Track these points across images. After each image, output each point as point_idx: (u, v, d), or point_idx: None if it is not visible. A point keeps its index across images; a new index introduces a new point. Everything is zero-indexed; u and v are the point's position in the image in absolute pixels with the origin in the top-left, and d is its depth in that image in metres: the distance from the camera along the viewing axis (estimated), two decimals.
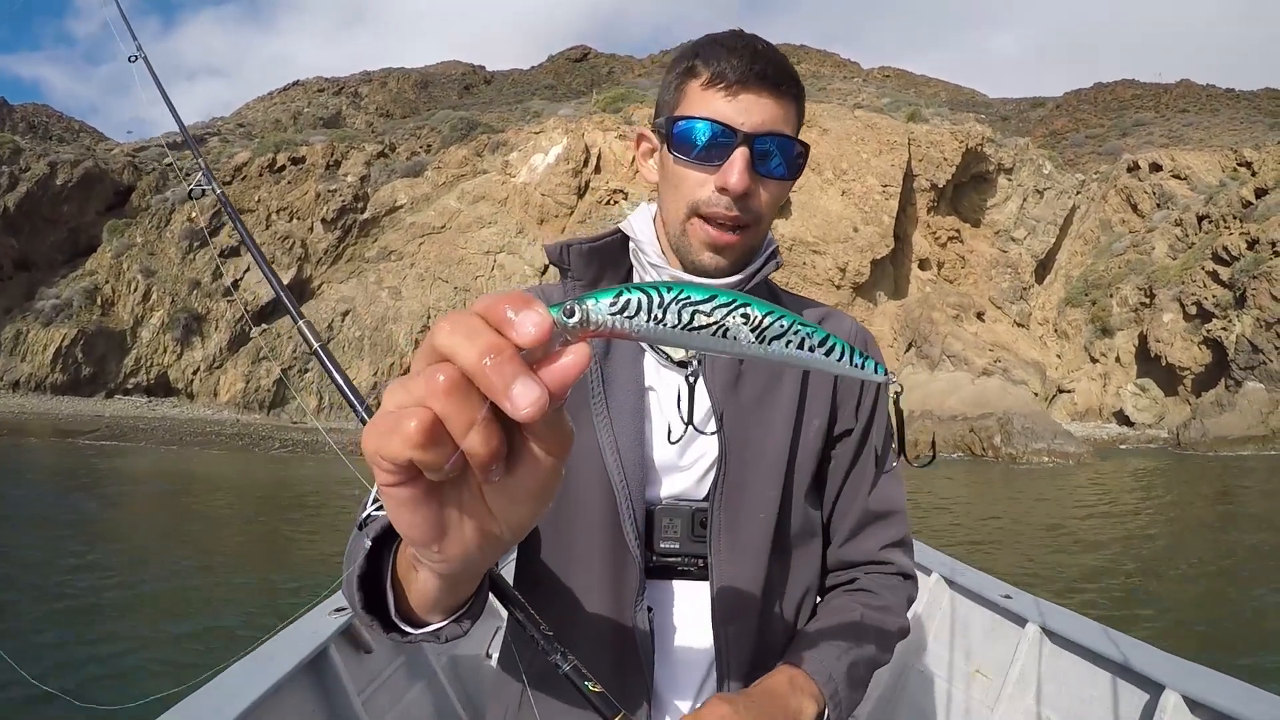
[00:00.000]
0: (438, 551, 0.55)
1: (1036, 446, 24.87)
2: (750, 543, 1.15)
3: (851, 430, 1.24)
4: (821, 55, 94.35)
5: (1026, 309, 38.27)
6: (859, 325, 1.30)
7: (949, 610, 3.03)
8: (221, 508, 15.57)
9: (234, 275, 35.61)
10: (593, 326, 0.50)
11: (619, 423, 1.14)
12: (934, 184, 38.00)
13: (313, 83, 79.61)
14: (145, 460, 21.65)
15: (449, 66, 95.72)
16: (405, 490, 0.49)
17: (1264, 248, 29.96)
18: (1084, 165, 51.83)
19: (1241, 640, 8.12)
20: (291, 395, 33.70)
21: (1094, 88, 78.58)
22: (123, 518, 14.41)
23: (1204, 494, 18.83)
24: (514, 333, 0.45)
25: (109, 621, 7.92)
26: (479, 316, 0.46)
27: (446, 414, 0.45)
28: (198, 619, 8.12)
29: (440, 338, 0.46)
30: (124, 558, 10.61)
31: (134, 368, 33.32)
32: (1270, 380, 28.31)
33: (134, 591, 9.08)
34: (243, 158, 38.92)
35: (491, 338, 0.45)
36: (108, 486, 17.50)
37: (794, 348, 0.55)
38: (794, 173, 1.12)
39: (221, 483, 19.01)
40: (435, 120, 47.30)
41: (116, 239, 34.86)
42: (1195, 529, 14.46)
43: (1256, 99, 70.07)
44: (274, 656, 1.98)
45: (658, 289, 0.52)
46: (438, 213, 37.60)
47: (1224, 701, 1.81)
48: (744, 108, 1.06)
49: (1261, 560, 11.65)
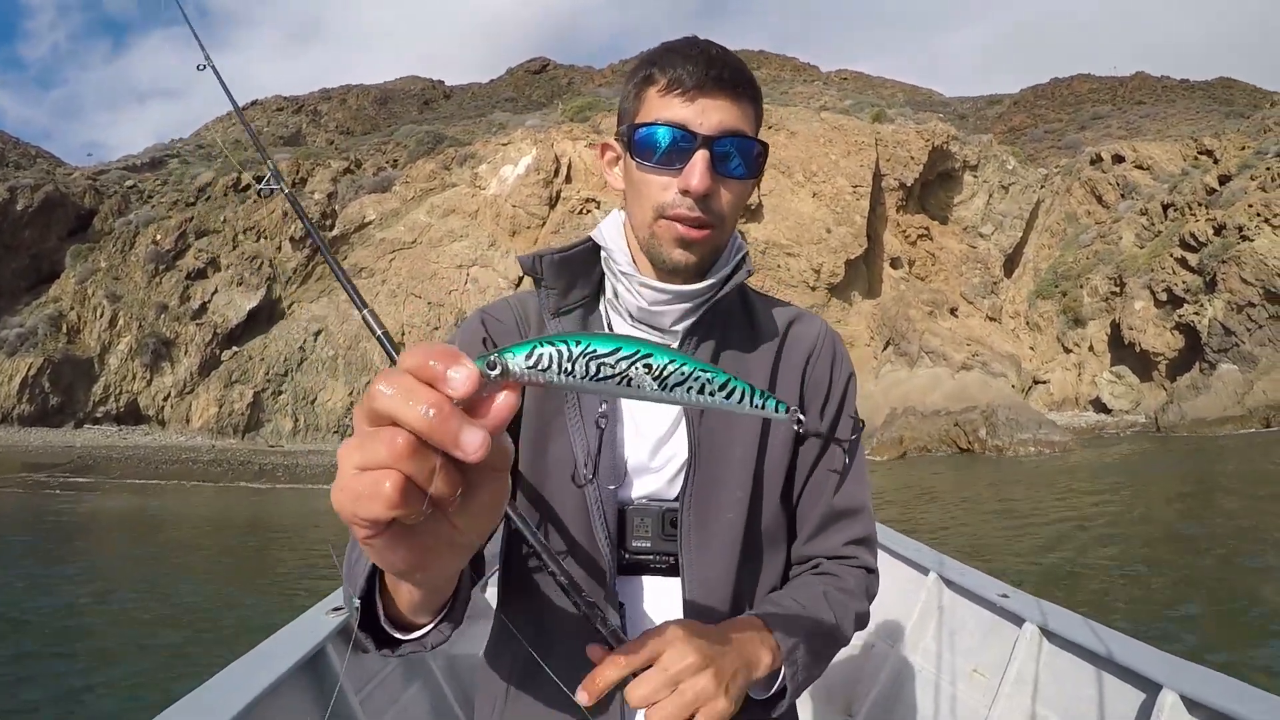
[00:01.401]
0: (420, 575, 0.62)
1: (1022, 437, 25.08)
2: (719, 542, 1.19)
3: (809, 430, 1.27)
4: (781, 60, 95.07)
5: (998, 303, 38.67)
6: (827, 327, 1.33)
7: (946, 609, 3.04)
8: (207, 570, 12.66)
9: (202, 297, 35.02)
10: (512, 378, 0.55)
11: (589, 426, 1.18)
12: (902, 183, 38.31)
13: (271, 102, 78.73)
14: (119, 502, 19.60)
15: (408, 82, 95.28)
16: (383, 539, 0.55)
17: (1231, 232, 30.59)
18: (1044, 160, 52.62)
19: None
20: (266, 419, 33.16)
21: (1050, 83, 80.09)
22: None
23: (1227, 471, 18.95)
24: (448, 388, 0.50)
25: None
26: (410, 375, 0.51)
27: (413, 471, 0.51)
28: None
29: (380, 402, 0.51)
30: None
31: (103, 395, 32.54)
32: (1244, 361, 28.87)
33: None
34: (206, 178, 38.27)
35: (428, 395, 0.50)
36: (79, 546, 14.11)
37: (695, 393, 0.59)
38: (754, 172, 1.14)
39: (202, 530, 16.82)
40: (400, 135, 46.91)
41: (80, 264, 34.09)
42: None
43: (1211, 89, 71.79)
44: (272, 655, 2.01)
45: (567, 342, 0.56)
46: (407, 228, 37.19)
47: (1222, 701, 1.83)
48: (701, 111, 1.09)
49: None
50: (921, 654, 3.02)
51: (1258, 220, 30.06)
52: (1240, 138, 36.47)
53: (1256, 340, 28.89)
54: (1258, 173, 31.65)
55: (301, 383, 33.37)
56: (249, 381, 33.38)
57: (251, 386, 33.27)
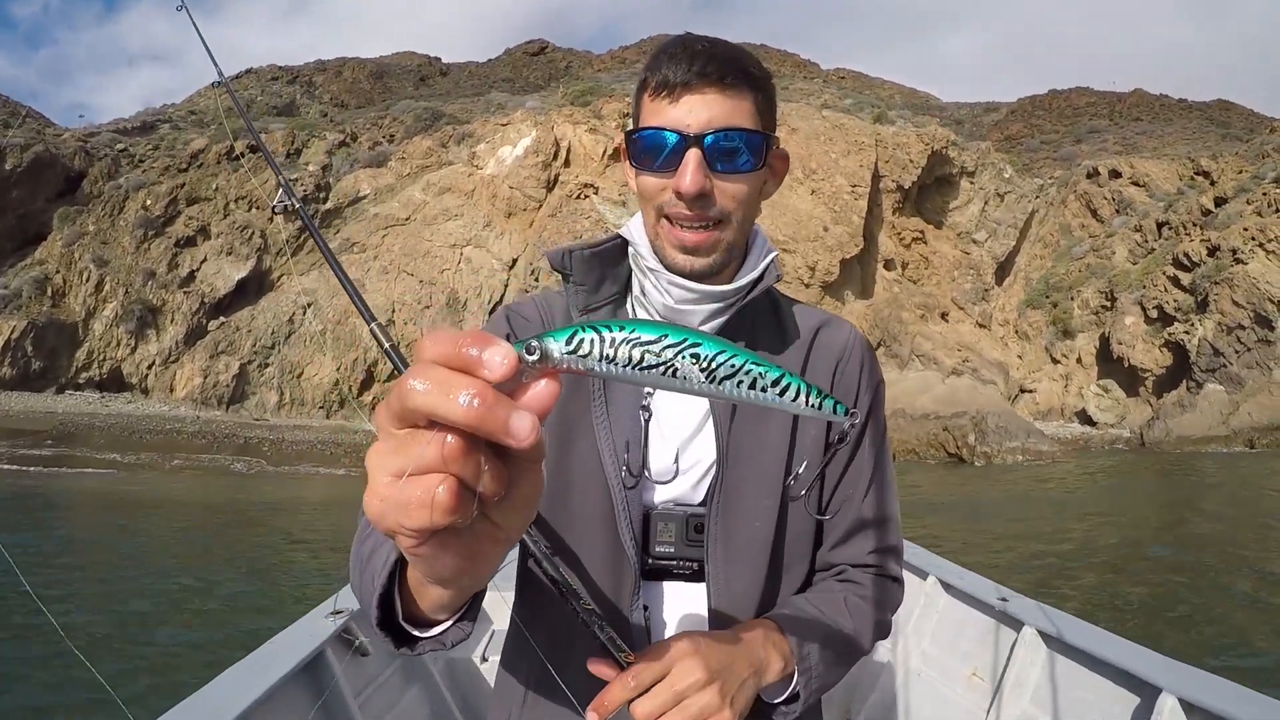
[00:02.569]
0: (467, 579, 0.60)
1: (1011, 445, 25.20)
2: (746, 549, 1.17)
3: (846, 436, 1.22)
4: (782, 55, 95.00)
5: (988, 310, 38.85)
6: (857, 333, 1.30)
7: (944, 613, 3.06)
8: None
9: (191, 266, 34.58)
10: (550, 364, 0.51)
11: (618, 428, 1.16)
12: (900, 185, 38.37)
13: (266, 70, 77.69)
14: (98, 484, 17.74)
15: (404, 57, 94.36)
16: (430, 546, 0.52)
17: (1225, 255, 30.87)
18: (1039, 170, 52.82)
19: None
20: (251, 391, 32.81)
21: (1049, 94, 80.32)
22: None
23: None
24: (485, 371, 0.47)
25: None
26: (440, 365, 0.47)
27: (464, 472, 0.47)
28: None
29: (415, 399, 0.47)
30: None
31: (86, 361, 32.08)
32: (1230, 382, 29.19)
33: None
34: (199, 144, 37.73)
35: (468, 382, 0.46)
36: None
37: (745, 388, 0.54)
38: (756, 164, 1.10)
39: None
40: (397, 110, 46.47)
41: (68, 227, 33.51)
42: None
43: (1208, 110, 72.34)
44: (270, 659, 2.00)
45: (610, 327, 0.52)
46: (402, 204, 36.89)
47: (1220, 704, 1.83)
48: (689, 109, 1.07)
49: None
50: (920, 657, 3.04)
51: (1252, 244, 30.39)
52: (1238, 161, 36.78)
53: (1244, 362, 29.22)
54: (1254, 197, 31.95)
55: (289, 356, 33.03)
56: (235, 353, 33.00)
57: (238, 358, 32.90)
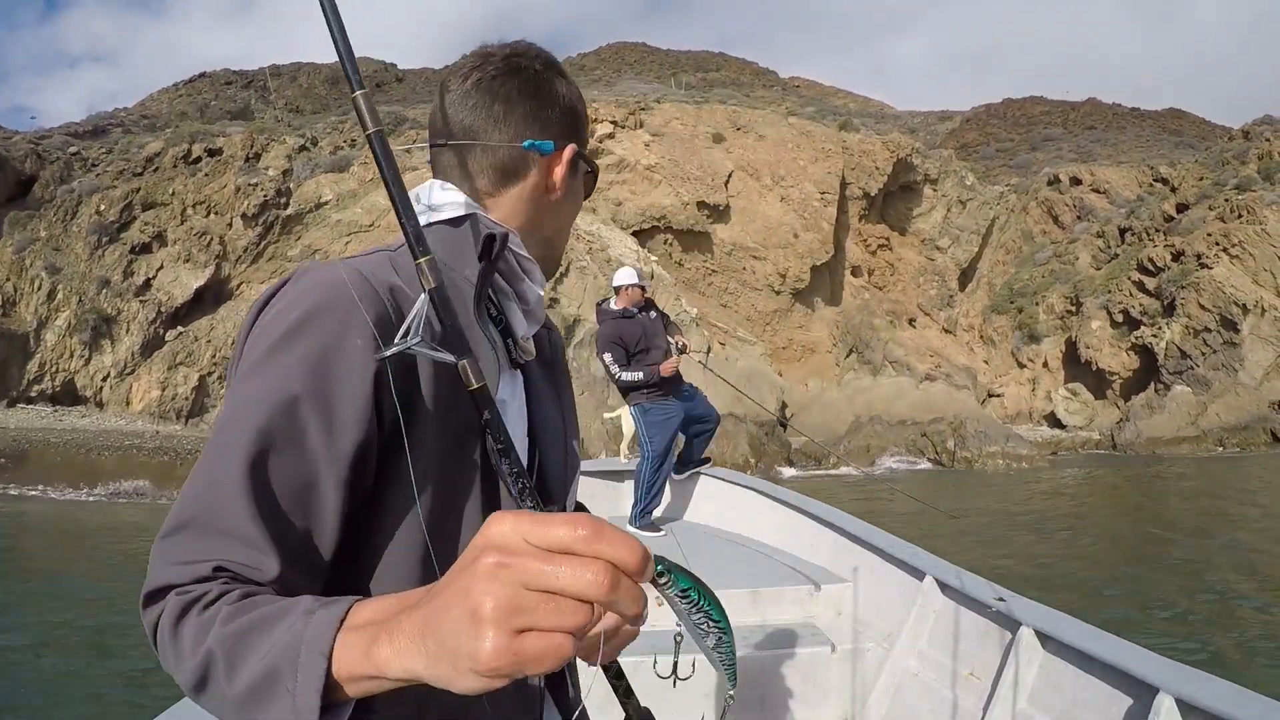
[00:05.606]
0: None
1: (990, 450, 25.32)
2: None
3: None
4: (741, 63, 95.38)
5: (953, 315, 39.16)
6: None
7: (941, 613, 3.06)
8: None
9: (147, 273, 33.43)
10: (660, 585, 0.58)
11: (519, 441, 1.14)
12: (866, 192, 38.56)
13: (220, 75, 76.00)
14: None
15: (360, 63, 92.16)
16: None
17: (1189, 260, 31.53)
18: (995, 178, 53.60)
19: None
20: (212, 404, 31.77)
21: (1003, 103, 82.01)
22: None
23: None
24: (642, 579, 0.52)
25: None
26: (607, 565, 0.50)
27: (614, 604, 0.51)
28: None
29: (598, 594, 0.50)
30: None
31: (38, 373, 30.69)
32: (1197, 384, 29.80)
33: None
34: (155, 147, 36.55)
35: (639, 593, 0.52)
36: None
37: (703, 639, 0.67)
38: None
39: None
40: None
41: (18, 232, 32.08)
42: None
43: (1161, 118, 74.32)
44: None
45: (703, 595, 0.62)
46: (365, 210, 36.02)
47: (1219, 705, 1.82)
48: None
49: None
50: (917, 658, 3.05)
51: (1216, 249, 31.05)
52: (1197, 168, 37.61)
53: (1210, 364, 29.85)
54: (1216, 203, 32.68)
55: None
56: (194, 364, 31.89)
57: (197, 369, 31.79)
